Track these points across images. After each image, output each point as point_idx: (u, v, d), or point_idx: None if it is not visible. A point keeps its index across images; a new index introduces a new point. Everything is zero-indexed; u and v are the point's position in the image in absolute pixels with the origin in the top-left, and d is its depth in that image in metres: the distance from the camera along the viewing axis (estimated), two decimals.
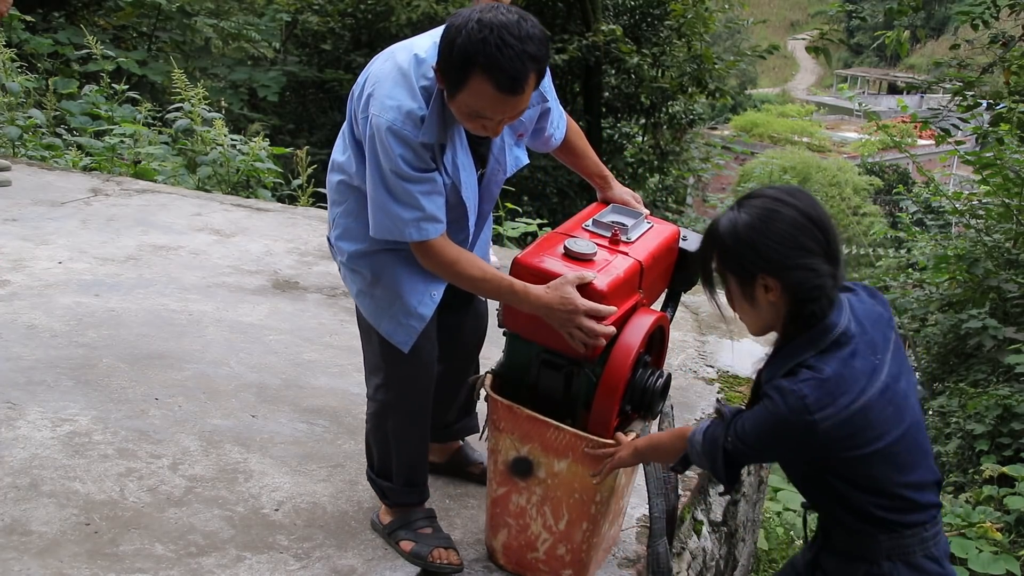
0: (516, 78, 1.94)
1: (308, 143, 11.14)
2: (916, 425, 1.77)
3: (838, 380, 1.66)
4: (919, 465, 1.77)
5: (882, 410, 1.70)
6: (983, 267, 6.80)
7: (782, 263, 1.70)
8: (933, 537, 1.79)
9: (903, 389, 1.76)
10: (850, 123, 41.10)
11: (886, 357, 1.74)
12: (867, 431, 1.68)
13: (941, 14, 35.51)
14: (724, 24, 18.08)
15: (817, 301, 1.70)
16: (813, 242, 1.69)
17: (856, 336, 1.71)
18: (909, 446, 1.75)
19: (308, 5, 13.51)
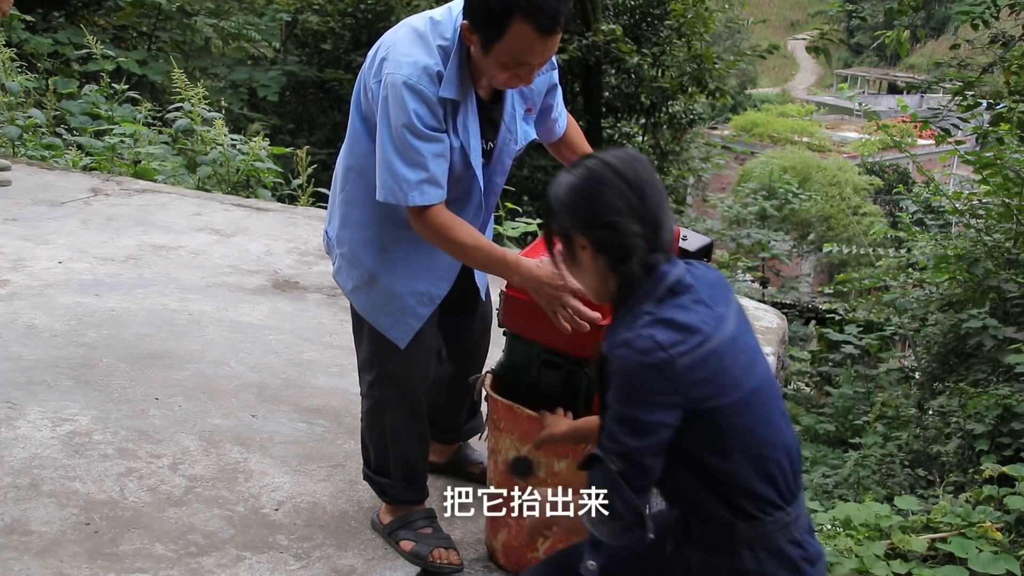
0: (555, 17, 1.98)
1: (308, 143, 11.13)
2: (772, 384, 1.75)
3: (683, 323, 1.66)
4: (781, 430, 1.73)
5: (735, 358, 1.69)
6: (983, 267, 6.80)
7: (589, 220, 1.71)
8: (795, 520, 1.73)
9: (752, 346, 1.76)
10: (850, 123, 41.09)
11: (729, 312, 1.74)
12: (723, 376, 1.66)
13: (941, 14, 35.51)
14: (724, 24, 18.07)
15: (627, 261, 1.69)
16: (622, 202, 1.69)
17: (694, 287, 1.71)
18: (767, 401, 1.72)
19: (308, 5, 13.50)
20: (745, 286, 16.01)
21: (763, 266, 17.79)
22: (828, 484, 7.32)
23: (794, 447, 1.79)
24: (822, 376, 12.02)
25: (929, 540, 4.39)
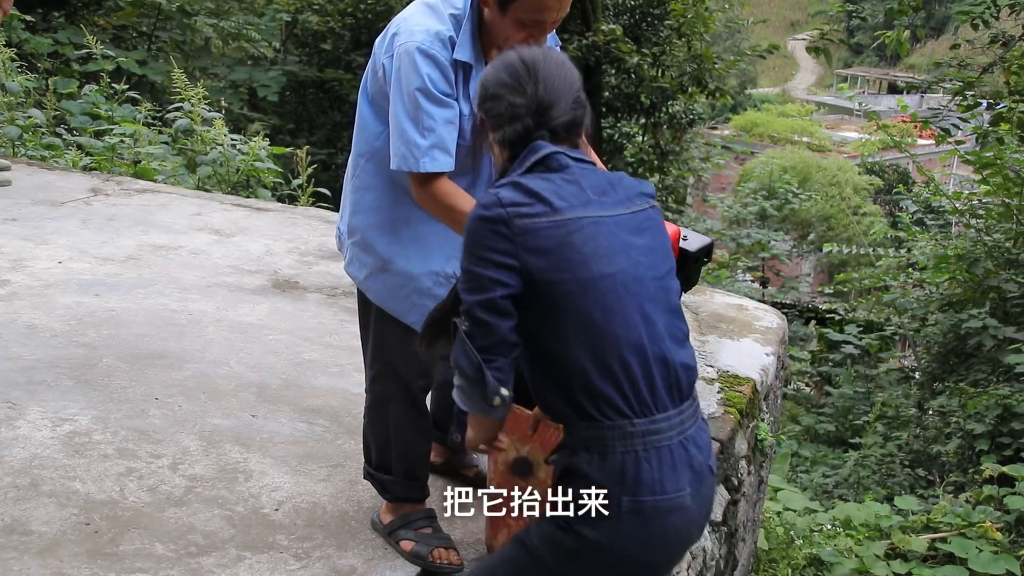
0: None
1: (308, 143, 11.13)
2: (639, 282, 1.72)
3: (532, 189, 1.69)
4: (634, 328, 1.69)
5: (592, 240, 1.69)
6: (983, 267, 6.80)
7: (484, 94, 1.84)
8: (642, 435, 1.68)
9: (630, 243, 1.74)
10: (850, 123, 41.08)
11: (618, 207, 1.75)
12: (569, 252, 1.67)
13: (941, 14, 35.52)
14: (724, 24, 18.07)
15: (505, 128, 1.78)
16: (511, 78, 1.78)
17: (574, 169, 1.74)
18: (620, 293, 1.69)
19: (308, 5, 13.50)
20: (745, 286, 16.02)
21: (763, 266, 17.80)
22: (828, 484, 7.32)
23: (659, 355, 1.72)
24: (822, 376, 12.03)
25: (929, 540, 4.40)
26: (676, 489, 1.70)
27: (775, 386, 3.99)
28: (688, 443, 1.74)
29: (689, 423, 1.75)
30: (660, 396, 1.71)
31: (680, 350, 1.77)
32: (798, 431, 10.02)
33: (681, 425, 1.73)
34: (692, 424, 1.76)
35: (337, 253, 3.96)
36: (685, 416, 1.75)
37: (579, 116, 1.81)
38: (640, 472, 1.68)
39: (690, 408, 1.77)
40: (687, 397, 1.77)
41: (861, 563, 4.33)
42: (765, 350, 3.92)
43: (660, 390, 1.71)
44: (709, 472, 1.78)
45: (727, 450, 3.21)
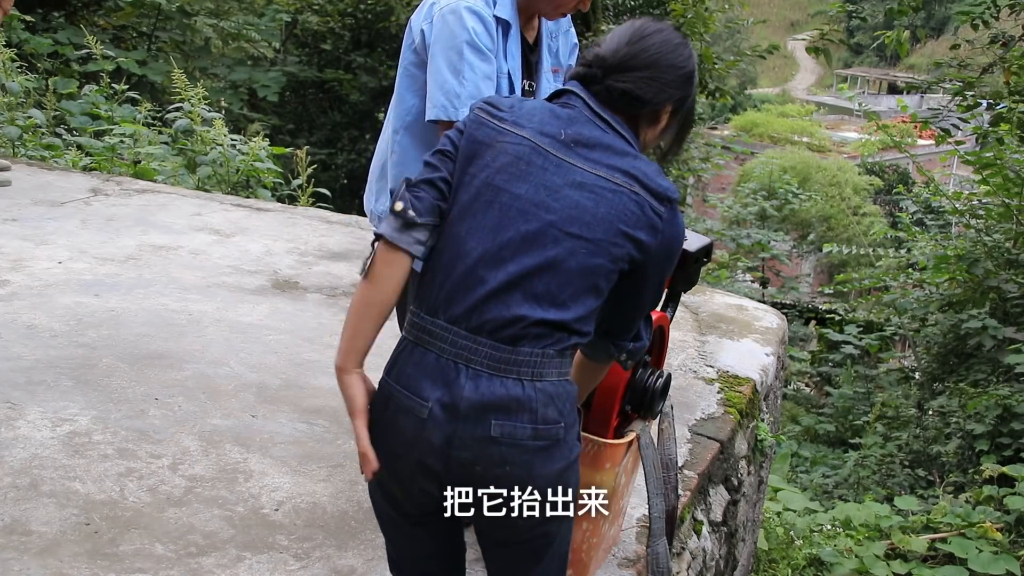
0: None
1: (308, 143, 11.14)
2: (526, 223, 1.69)
3: (511, 104, 1.79)
4: (480, 247, 1.68)
5: (516, 157, 1.71)
6: (983, 267, 6.80)
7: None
8: (419, 329, 1.72)
9: (566, 199, 1.70)
10: (850, 123, 41.08)
11: (575, 160, 1.72)
12: (488, 152, 1.73)
13: (941, 14, 35.54)
14: (724, 24, 18.06)
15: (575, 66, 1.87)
16: (619, 35, 1.84)
17: (572, 114, 1.77)
18: (499, 214, 1.69)
19: (308, 5, 13.51)
20: (745, 286, 16.02)
21: (763, 266, 17.79)
22: (828, 484, 7.33)
23: (479, 279, 1.69)
24: (822, 376, 12.04)
25: (929, 540, 4.40)
26: (413, 391, 1.69)
27: (775, 386, 3.99)
28: (461, 370, 1.67)
29: (475, 355, 1.66)
30: (458, 308, 1.68)
31: (514, 298, 1.68)
32: (798, 431, 10.02)
33: (468, 352, 1.66)
34: (479, 358, 1.66)
35: (337, 253, 3.98)
36: (472, 344, 1.67)
37: (641, 92, 1.78)
38: (399, 356, 1.76)
39: (486, 348, 1.67)
40: (486, 334, 1.67)
41: (861, 563, 4.34)
42: (765, 350, 3.92)
43: (463, 304, 1.68)
44: (474, 422, 1.66)
45: (727, 450, 3.21)
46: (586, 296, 1.70)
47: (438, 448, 1.68)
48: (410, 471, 1.73)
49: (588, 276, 1.69)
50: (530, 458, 1.69)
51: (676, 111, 1.85)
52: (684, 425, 3.14)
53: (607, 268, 1.70)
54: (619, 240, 1.70)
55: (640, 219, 1.71)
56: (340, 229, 5.24)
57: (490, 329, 1.67)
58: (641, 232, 1.71)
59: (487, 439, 1.66)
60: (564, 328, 1.69)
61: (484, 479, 1.70)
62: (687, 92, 1.84)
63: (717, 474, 3.17)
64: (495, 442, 1.66)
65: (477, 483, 1.70)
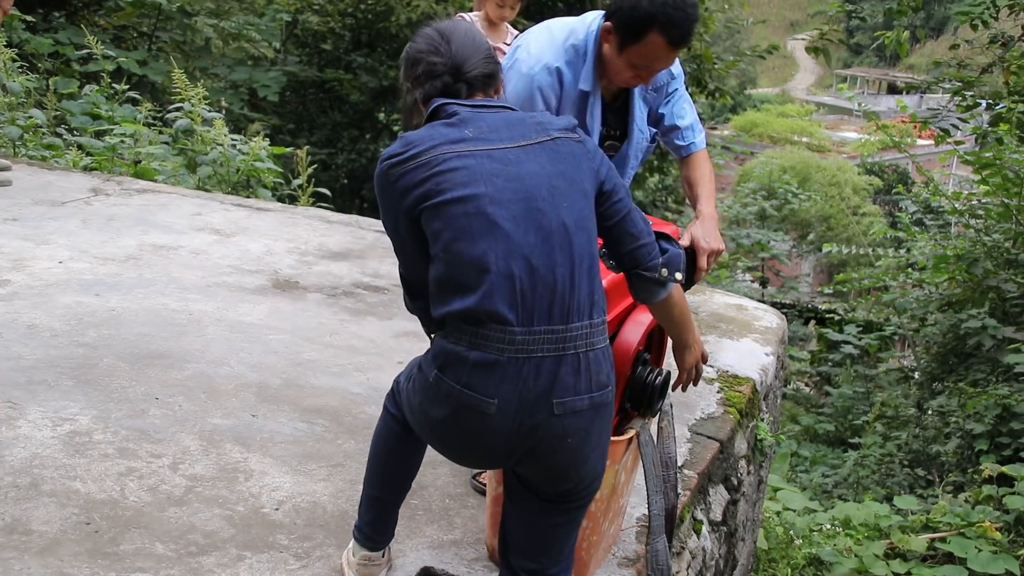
0: (685, 36, 2.34)
1: (308, 143, 11.14)
2: (506, 208, 1.78)
3: (416, 137, 1.86)
4: (488, 244, 1.76)
5: (462, 169, 1.79)
6: (982, 267, 6.80)
7: (406, 63, 2.01)
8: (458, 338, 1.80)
9: (529, 173, 1.82)
10: (850, 123, 41.10)
11: (505, 143, 1.84)
12: (440, 179, 1.79)
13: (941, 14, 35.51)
14: (724, 24, 18.06)
15: (426, 86, 1.95)
16: (429, 44, 1.98)
17: (466, 117, 1.88)
18: (480, 216, 1.77)
19: (308, 5, 13.50)
20: (745, 286, 16.03)
21: (763, 266, 17.81)
22: (827, 484, 7.33)
23: (512, 266, 1.79)
24: (821, 376, 12.04)
25: (928, 540, 4.40)
26: (479, 391, 1.78)
27: (775, 386, 4.00)
28: (527, 365, 1.76)
29: (537, 348, 1.76)
30: (511, 310, 1.76)
31: (565, 295, 1.79)
32: (797, 431, 10.02)
33: (526, 345, 1.76)
34: (545, 349, 1.77)
35: (337, 252, 3.99)
36: (534, 340, 1.77)
37: (493, 69, 1.99)
38: (456, 358, 1.81)
39: (547, 336, 1.78)
40: (542, 323, 1.78)
41: (860, 563, 4.34)
42: (765, 350, 3.92)
43: (521, 307, 1.77)
44: (541, 406, 1.78)
45: (727, 450, 3.22)
46: (593, 247, 1.87)
47: (504, 436, 1.80)
48: (477, 456, 1.93)
49: (586, 229, 1.86)
50: (588, 426, 1.83)
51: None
52: (684, 424, 3.14)
53: (592, 211, 1.89)
54: (586, 194, 1.89)
55: (577, 151, 1.92)
56: (340, 229, 5.24)
57: (540, 318, 1.78)
58: (585, 163, 1.91)
59: (551, 417, 1.78)
60: (596, 298, 1.85)
61: (547, 454, 1.83)
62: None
63: (717, 473, 3.17)
64: (558, 418, 1.79)
65: (542, 457, 1.83)
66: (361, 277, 4.50)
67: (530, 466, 1.88)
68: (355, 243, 5.00)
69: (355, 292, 4.30)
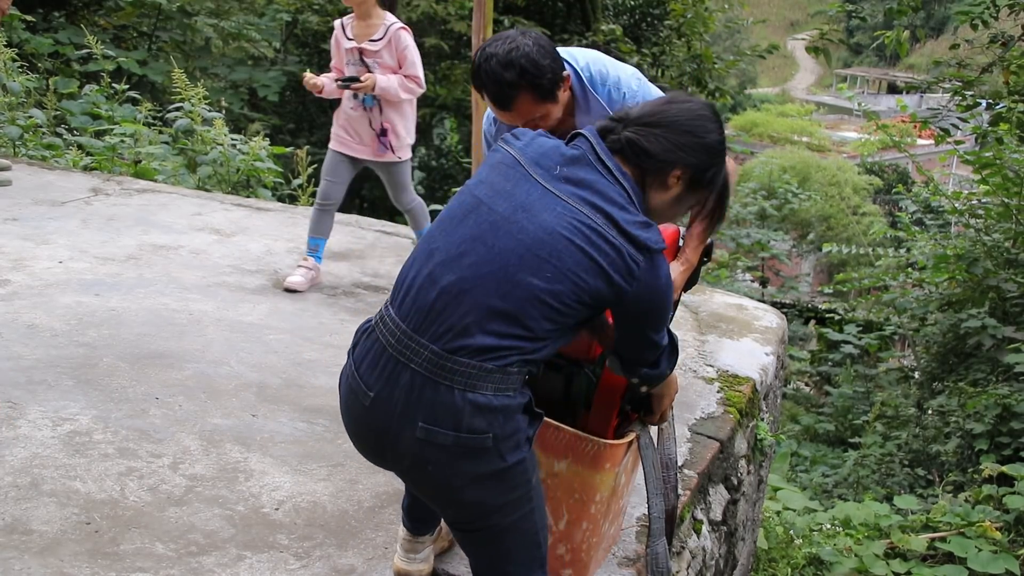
0: (498, 99, 2.39)
1: (308, 143, 11.14)
2: (497, 240, 1.74)
3: (518, 134, 1.91)
4: (446, 251, 1.76)
5: (505, 179, 1.81)
6: (982, 266, 6.80)
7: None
8: (380, 319, 1.81)
9: (530, 222, 1.74)
10: (849, 123, 41.09)
11: (559, 189, 1.77)
12: (486, 171, 1.87)
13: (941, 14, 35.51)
14: (724, 24, 18.07)
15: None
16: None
17: (576, 154, 1.82)
18: (476, 224, 1.77)
19: (308, 5, 13.51)
20: (745, 286, 16.02)
21: (763, 266, 17.80)
22: (827, 483, 7.33)
23: (432, 284, 1.75)
24: (821, 376, 12.04)
25: (928, 539, 4.40)
26: (363, 380, 1.78)
27: (775, 386, 4.00)
28: (402, 368, 1.73)
29: (416, 356, 1.72)
30: (411, 310, 1.76)
31: (464, 305, 1.71)
32: (798, 430, 10.02)
33: (411, 352, 1.72)
34: (419, 360, 1.72)
35: (337, 253, 3.99)
36: (415, 345, 1.72)
37: (647, 145, 1.83)
38: (359, 342, 1.85)
39: (426, 352, 1.71)
40: (428, 338, 1.72)
41: (860, 562, 4.34)
42: (765, 350, 3.92)
43: (416, 307, 1.75)
44: (406, 425, 1.73)
45: (727, 449, 3.22)
46: (541, 318, 1.71)
47: (376, 434, 1.79)
48: (358, 441, 1.87)
49: (545, 298, 1.70)
50: (450, 461, 1.74)
51: (691, 181, 1.87)
52: (684, 424, 3.14)
53: (568, 297, 1.72)
54: (588, 276, 1.71)
55: (615, 262, 1.72)
56: (340, 229, 5.24)
57: (435, 333, 1.72)
58: (617, 275, 1.73)
59: (414, 439, 1.73)
60: (509, 346, 1.71)
61: (412, 472, 1.80)
62: (704, 162, 1.86)
63: (717, 473, 3.17)
64: (420, 442, 1.73)
65: (408, 473, 1.81)
66: (361, 277, 4.50)
67: (410, 480, 1.85)
68: (355, 243, 5.00)
69: (355, 292, 4.30)
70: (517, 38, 2.36)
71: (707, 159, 1.86)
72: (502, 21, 11.80)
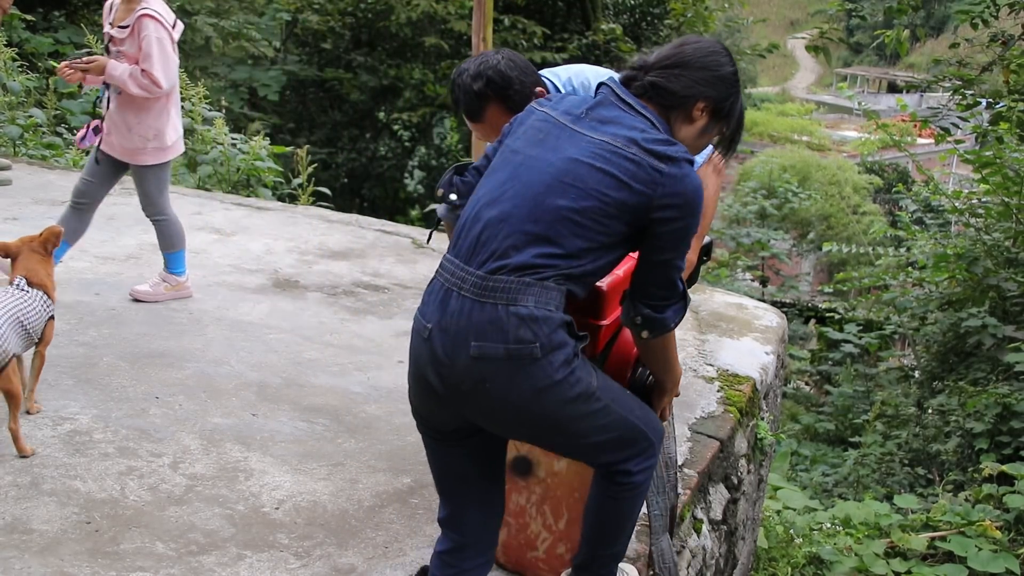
0: (469, 111, 2.49)
1: (308, 142, 11.16)
2: (528, 177, 1.90)
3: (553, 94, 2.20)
4: (491, 193, 1.93)
5: (532, 129, 1.99)
6: (982, 266, 6.80)
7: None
8: (441, 265, 1.94)
9: (563, 158, 1.90)
10: (850, 122, 41.06)
11: (586, 131, 1.93)
12: (517, 126, 2.05)
13: (941, 13, 35.49)
14: (724, 23, 18.08)
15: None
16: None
17: (598, 96, 2.02)
18: (510, 171, 1.94)
19: (308, 4, 13.51)
20: (745, 285, 16.02)
21: (763, 265, 17.80)
22: (828, 483, 7.33)
23: (482, 219, 1.91)
24: (822, 375, 12.03)
25: (928, 538, 4.40)
26: (424, 316, 1.92)
27: (775, 385, 4.00)
28: (452, 296, 1.87)
29: (463, 283, 1.86)
30: (463, 245, 1.92)
31: (502, 231, 1.87)
32: (798, 430, 10.02)
33: (461, 280, 1.87)
34: (471, 291, 1.85)
35: (337, 252, 4.00)
36: (463, 274, 1.87)
37: (669, 84, 1.97)
38: (427, 287, 1.97)
39: (472, 277, 1.85)
40: (475, 265, 1.87)
41: (861, 562, 4.34)
42: (765, 349, 3.92)
43: (466, 242, 1.91)
44: (460, 348, 1.84)
45: (727, 448, 3.22)
46: (571, 236, 1.86)
47: (435, 366, 1.87)
48: (420, 387, 1.94)
49: (573, 217, 1.85)
50: (507, 376, 1.83)
51: (713, 112, 2.01)
52: (684, 423, 3.14)
53: (594, 212, 1.86)
54: (611, 191, 1.86)
55: (637, 173, 1.86)
56: (340, 228, 5.24)
57: (479, 260, 1.87)
58: (638, 184, 1.86)
59: (468, 359, 1.83)
60: (545, 263, 1.84)
61: (474, 399, 1.86)
62: (722, 93, 2.01)
63: (717, 472, 3.17)
64: (475, 360, 1.83)
65: (470, 402, 1.88)
66: (361, 276, 4.50)
67: (473, 414, 1.92)
68: (355, 242, 5.00)
69: (355, 291, 4.30)
70: (490, 55, 2.52)
71: (725, 90, 2.01)
72: (502, 20, 11.80)
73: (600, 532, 2.08)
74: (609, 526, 2.07)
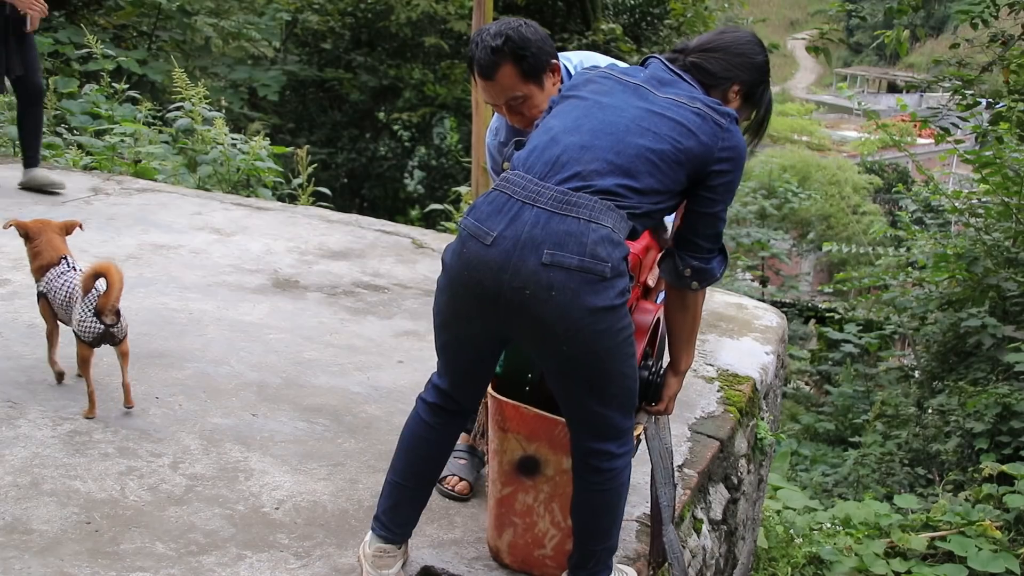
0: (485, 68, 2.46)
1: (308, 142, 11.17)
2: (610, 122, 2.03)
3: (613, 66, 2.30)
4: (572, 127, 2.04)
5: (607, 88, 2.12)
6: (982, 265, 6.81)
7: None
8: (504, 180, 2.01)
9: (639, 108, 2.05)
10: (850, 122, 41.08)
11: (656, 90, 2.09)
12: (588, 79, 2.19)
13: (941, 13, 35.47)
14: (724, 23, 18.08)
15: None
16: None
17: (647, 69, 2.19)
18: (588, 115, 2.06)
19: (308, 4, 13.51)
20: (745, 285, 16.03)
21: (763, 265, 17.82)
22: (828, 482, 7.33)
23: (563, 144, 2.02)
24: (822, 375, 12.05)
25: (929, 538, 4.40)
26: (483, 224, 1.96)
27: (775, 385, 4.00)
28: (527, 208, 1.93)
29: (541, 197, 1.94)
30: (536, 163, 2.00)
31: (584, 158, 1.98)
32: (798, 430, 10.03)
33: (536, 195, 1.94)
34: (550, 203, 1.92)
35: (337, 252, 3.98)
36: (540, 189, 1.95)
37: (709, 66, 2.16)
38: (478, 202, 2.02)
39: (552, 192, 1.94)
40: (555, 182, 1.96)
41: (861, 561, 4.34)
42: (765, 349, 3.92)
43: (541, 161, 2.01)
44: (529, 254, 1.90)
45: (727, 448, 3.22)
46: (646, 174, 1.99)
47: (495, 270, 1.92)
48: (466, 291, 1.99)
49: (651, 156, 1.99)
50: (575, 287, 1.89)
51: (747, 96, 2.21)
52: (684, 423, 3.15)
53: (669, 156, 2.00)
54: (682, 138, 2.01)
55: (702, 126, 2.03)
56: (340, 228, 5.24)
57: (559, 178, 1.96)
58: (703, 135, 2.02)
59: (539, 265, 1.89)
60: (623, 194, 1.96)
61: (528, 306, 1.91)
62: (755, 79, 2.20)
63: (717, 472, 3.17)
64: (545, 267, 1.89)
65: (522, 309, 1.92)
66: (361, 276, 4.50)
67: (519, 325, 1.95)
68: (355, 242, 5.00)
69: (355, 291, 4.30)
70: (512, 20, 2.56)
71: (758, 76, 2.21)
72: None
73: (590, 528, 2.13)
74: (598, 520, 2.11)
